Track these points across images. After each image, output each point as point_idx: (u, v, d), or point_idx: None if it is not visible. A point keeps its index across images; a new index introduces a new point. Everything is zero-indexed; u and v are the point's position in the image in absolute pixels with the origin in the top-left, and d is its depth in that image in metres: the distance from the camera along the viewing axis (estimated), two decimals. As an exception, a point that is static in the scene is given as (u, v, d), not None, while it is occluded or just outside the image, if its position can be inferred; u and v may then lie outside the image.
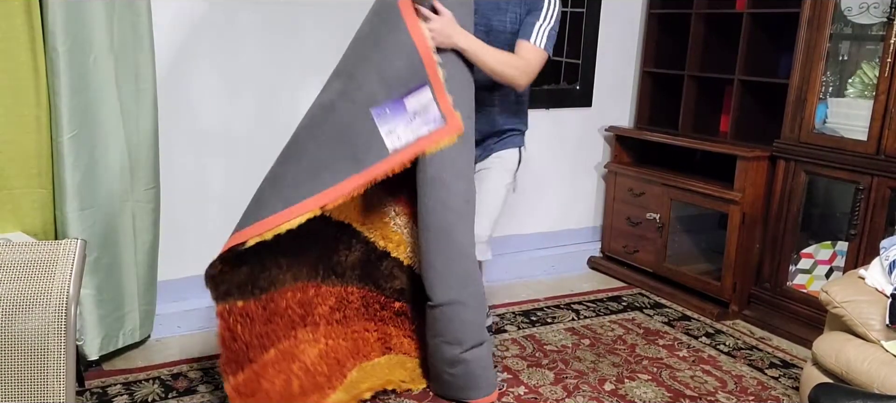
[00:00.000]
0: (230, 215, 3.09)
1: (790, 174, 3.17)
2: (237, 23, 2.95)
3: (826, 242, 3.18)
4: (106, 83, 2.48)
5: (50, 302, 1.37)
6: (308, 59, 3.12)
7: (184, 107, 2.88)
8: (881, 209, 2.87)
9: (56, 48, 2.32)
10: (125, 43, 2.51)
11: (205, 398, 2.47)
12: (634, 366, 2.85)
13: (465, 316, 2.40)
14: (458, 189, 2.37)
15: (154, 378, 2.59)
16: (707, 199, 3.45)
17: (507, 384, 2.66)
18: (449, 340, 2.42)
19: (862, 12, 2.95)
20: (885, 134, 2.83)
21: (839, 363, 2.16)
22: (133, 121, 2.59)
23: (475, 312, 2.42)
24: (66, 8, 2.31)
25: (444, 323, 2.41)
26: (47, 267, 1.39)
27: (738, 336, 3.19)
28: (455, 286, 2.38)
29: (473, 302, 2.42)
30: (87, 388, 2.48)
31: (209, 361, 2.72)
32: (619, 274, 3.89)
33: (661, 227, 3.65)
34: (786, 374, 2.84)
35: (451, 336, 2.41)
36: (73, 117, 2.39)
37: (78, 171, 2.44)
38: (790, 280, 3.24)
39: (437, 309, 2.39)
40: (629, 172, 3.83)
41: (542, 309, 3.41)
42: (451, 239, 2.36)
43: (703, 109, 3.79)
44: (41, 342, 1.36)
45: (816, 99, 3.07)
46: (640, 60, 4.00)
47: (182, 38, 2.84)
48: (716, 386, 2.71)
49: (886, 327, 2.12)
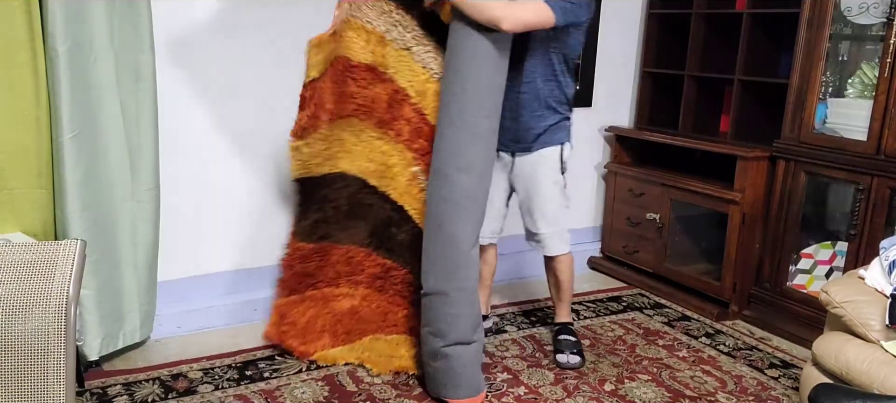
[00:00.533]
0: (230, 215, 3.12)
1: (790, 174, 3.17)
2: (238, 23, 2.95)
3: (826, 242, 3.18)
4: (106, 83, 2.48)
5: (50, 303, 1.37)
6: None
7: (184, 107, 2.88)
8: (881, 209, 2.87)
9: (56, 48, 2.31)
10: (126, 43, 2.51)
11: (205, 398, 2.47)
12: (634, 367, 2.85)
13: (448, 309, 2.41)
14: (460, 182, 2.38)
15: (154, 378, 2.59)
16: (707, 199, 3.45)
17: (507, 384, 2.66)
18: (433, 331, 2.45)
19: (862, 12, 2.95)
20: (885, 134, 2.83)
21: (839, 363, 2.16)
22: (133, 121, 2.59)
23: (460, 307, 2.42)
24: (66, 8, 2.31)
25: (430, 312, 2.45)
26: (47, 267, 1.39)
27: (737, 336, 3.19)
28: (441, 277, 2.41)
29: (458, 296, 2.41)
30: (87, 389, 2.48)
31: (209, 361, 2.73)
32: (619, 275, 3.89)
33: (661, 227, 3.65)
34: (786, 374, 2.84)
35: (435, 327, 2.44)
36: (74, 117, 2.39)
37: (78, 172, 2.44)
38: (790, 280, 3.24)
39: (426, 297, 2.46)
40: (629, 172, 3.83)
41: (542, 309, 3.41)
42: (443, 230, 2.40)
43: (703, 109, 3.79)
44: (41, 342, 1.37)
45: (816, 99, 3.07)
46: (640, 60, 4.00)
47: (183, 38, 2.83)
48: (716, 387, 2.71)
49: (886, 327, 2.12)
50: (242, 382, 2.58)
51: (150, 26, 2.55)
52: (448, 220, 2.40)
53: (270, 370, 2.68)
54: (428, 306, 2.46)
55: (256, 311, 3.11)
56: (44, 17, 2.31)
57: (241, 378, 2.61)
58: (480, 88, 2.39)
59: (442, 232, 2.41)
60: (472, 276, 2.46)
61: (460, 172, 2.39)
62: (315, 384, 2.59)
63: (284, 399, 2.48)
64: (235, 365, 2.71)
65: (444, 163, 2.41)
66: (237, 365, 2.71)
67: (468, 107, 2.38)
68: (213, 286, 3.11)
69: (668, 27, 3.88)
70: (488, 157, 2.47)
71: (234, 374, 2.64)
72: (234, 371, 2.66)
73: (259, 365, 2.71)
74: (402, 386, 2.60)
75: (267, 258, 3.22)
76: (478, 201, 2.43)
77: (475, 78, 2.39)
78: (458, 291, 2.42)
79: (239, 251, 3.17)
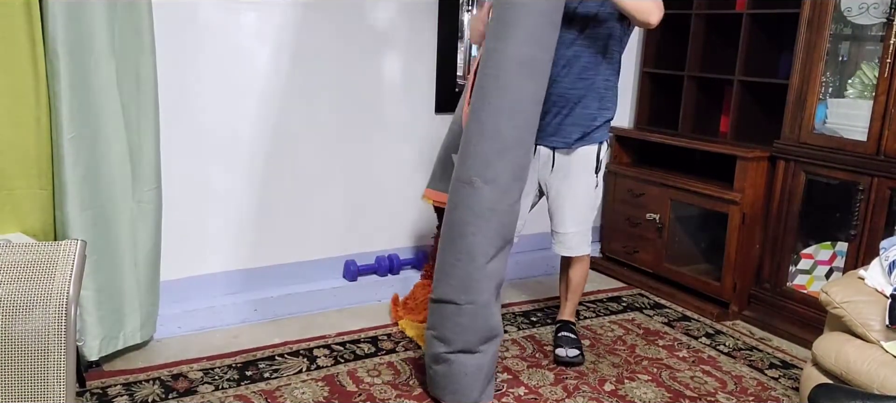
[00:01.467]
0: (231, 216, 3.12)
1: (790, 174, 3.17)
2: (239, 24, 2.95)
3: (826, 242, 3.18)
4: (107, 84, 2.48)
5: (50, 303, 1.37)
6: (309, 59, 3.13)
7: (185, 108, 2.89)
8: (881, 209, 2.87)
9: (56, 50, 2.31)
10: (127, 44, 2.51)
11: (205, 398, 2.47)
12: (634, 367, 2.85)
13: (457, 318, 2.37)
14: (486, 194, 2.33)
15: (154, 378, 2.59)
16: (707, 200, 3.45)
17: (507, 384, 2.66)
18: (438, 336, 2.42)
19: (861, 13, 2.95)
20: (885, 134, 2.83)
21: (839, 363, 2.16)
22: (134, 122, 2.58)
23: (470, 320, 2.37)
24: (67, 9, 2.31)
25: (438, 317, 2.42)
26: (47, 267, 1.39)
27: (737, 336, 3.19)
28: (454, 287, 2.37)
29: (469, 309, 2.36)
30: (88, 389, 2.48)
31: (209, 361, 2.73)
32: (618, 275, 3.89)
33: (661, 228, 3.65)
34: (786, 375, 2.84)
35: (440, 333, 2.42)
36: (74, 118, 2.39)
37: (78, 172, 2.44)
38: (790, 280, 3.24)
39: (435, 302, 2.43)
40: (629, 173, 3.83)
41: (542, 309, 3.41)
42: (462, 240, 2.35)
43: (703, 110, 3.79)
44: (41, 343, 1.36)
45: (816, 99, 3.07)
46: (640, 60, 4.00)
47: (184, 39, 2.84)
48: (716, 387, 2.71)
49: (886, 327, 2.12)
50: (243, 382, 2.58)
51: (151, 27, 2.55)
52: (469, 230, 2.34)
53: (270, 370, 2.68)
54: (436, 311, 2.43)
55: (257, 311, 3.11)
56: (44, 18, 2.31)
57: (241, 378, 2.62)
58: (519, 99, 2.33)
59: (461, 242, 2.35)
60: (487, 290, 2.39)
61: (487, 184, 2.32)
62: (315, 384, 2.60)
63: (284, 399, 2.48)
64: (236, 366, 2.71)
65: (470, 172, 2.33)
66: (237, 366, 2.71)
67: (502, 118, 2.31)
68: (213, 286, 3.11)
69: (667, 27, 3.85)
70: (515, 170, 2.38)
71: (235, 374, 2.64)
72: (235, 372, 2.66)
73: (259, 366, 2.71)
74: (402, 386, 2.60)
75: (267, 258, 3.23)
76: (499, 214, 2.36)
77: (513, 87, 2.31)
78: (470, 304, 2.36)
79: (239, 251, 3.17)
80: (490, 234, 2.35)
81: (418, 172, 3.52)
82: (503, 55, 2.30)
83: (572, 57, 2.57)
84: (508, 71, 2.30)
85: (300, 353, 2.83)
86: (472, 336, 2.39)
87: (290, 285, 3.26)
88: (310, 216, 3.31)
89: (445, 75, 3.50)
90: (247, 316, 3.09)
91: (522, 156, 2.39)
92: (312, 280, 3.33)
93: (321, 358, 2.80)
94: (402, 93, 3.42)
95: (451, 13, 3.46)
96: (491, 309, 2.41)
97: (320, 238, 3.36)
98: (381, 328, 3.11)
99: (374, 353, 2.87)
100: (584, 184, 2.72)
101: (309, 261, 3.34)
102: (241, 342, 2.90)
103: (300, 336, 2.98)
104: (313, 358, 2.79)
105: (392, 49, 3.35)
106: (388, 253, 3.53)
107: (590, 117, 2.65)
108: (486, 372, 2.47)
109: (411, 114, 3.47)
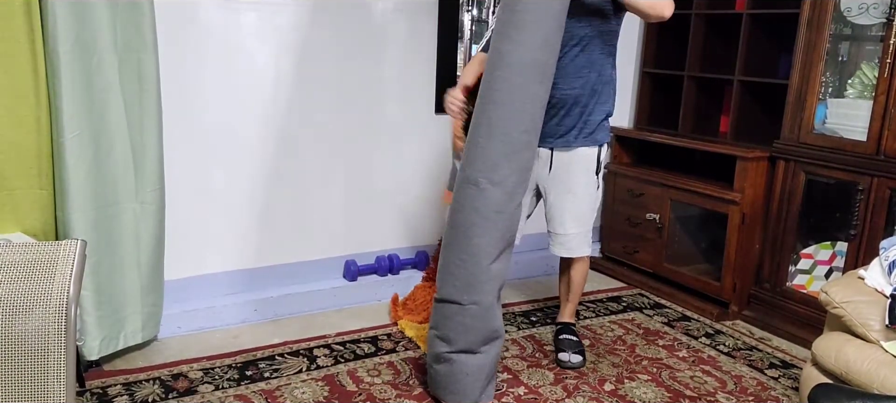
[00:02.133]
0: (233, 216, 3.12)
1: (790, 174, 3.17)
2: (241, 23, 2.95)
3: (826, 242, 3.18)
4: (109, 84, 2.47)
5: (50, 303, 1.37)
6: (311, 59, 3.13)
7: (188, 107, 2.89)
8: (881, 209, 2.87)
9: (56, 50, 2.31)
10: (129, 43, 2.50)
11: (205, 398, 2.47)
12: (634, 367, 2.85)
13: (460, 318, 2.37)
14: (492, 196, 2.32)
15: (154, 378, 2.59)
16: (707, 200, 3.45)
17: (507, 384, 2.66)
18: (441, 335, 2.42)
19: (861, 13, 2.95)
20: (885, 134, 2.83)
21: (839, 363, 2.16)
22: (137, 121, 2.58)
23: (473, 320, 2.37)
24: (68, 9, 2.31)
25: (440, 317, 2.42)
26: (47, 267, 1.39)
27: (737, 336, 3.19)
28: (458, 287, 2.36)
29: (473, 309, 2.36)
30: (88, 388, 2.48)
31: (209, 361, 2.73)
32: (618, 275, 3.89)
33: (661, 228, 3.65)
34: (785, 374, 2.84)
35: (443, 333, 2.42)
36: (75, 118, 2.39)
37: (79, 172, 2.43)
38: (790, 280, 3.24)
39: (439, 302, 2.42)
40: (629, 173, 3.83)
41: (542, 309, 3.41)
42: (467, 241, 2.34)
43: (703, 110, 3.79)
44: (41, 342, 1.37)
45: (816, 99, 3.07)
46: (640, 60, 4.00)
47: (186, 39, 2.84)
48: (715, 387, 2.71)
49: (886, 327, 2.12)
50: (243, 382, 2.59)
51: (153, 27, 2.54)
52: (475, 232, 2.33)
53: (270, 370, 2.68)
54: (439, 311, 2.42)
55: (257, 311, 3.11)
56: (44, 17, 2.31)
57: (241, 378, 2.62)
58: (527, 102, 2.32)
59: (466, 243, 2.34)
60: (490, 291, 2.38)
61: (493, 186, 2.31)
62: (315, 384, 2.60)
63: (284, 399, 2.48)
64: (236, 365, 2.71)
65: (477, 173, 2.32)
66: (237, 365, 2.71)
67: (511, 120, 2.30)
68: (213, 286, 3.12)
69: (667, 27, 3.86)
70: (521, 172, 2.37)
71: (235, 374, 2.64)
72: (235, 371, 2.66)
73: (259, 365, 2.72)
74: (402, 386, 2.61)
75: (268, 258, 3.23)
76: (505, 216, 2.35)
77: (522, 90, 2.30)
78: (474, 305, 2.36)
79: (240, 251, 3.17)
80: (495, 236, 2.34)
81: (418, 172, 3.52)
82: (513, 58, 2.29)
83: (570, 56, 2.57)
84: (518, 74, 2.29)
85: (300, 353, 2.84)
86: (475, 336, 2.39)
87: (291, 285, 3.26)
88: (310, 216, 3.31)
89: (445, 75, 3.51)
90: (247, 316, 3.09)
91: (528, 158, 2.39)
92: (312, 280, 3.33)
93: (321, 358, 2.80)
94: (402, 94, 3.43)
95: (451, 13, 3.46)
96: (494, 311, 2.42)
97: (320, 238, 3.36)
98: (381, 328, 3.11)
99: (374, 353, 2.87)
100: (584, 184, 2.72)
101: (309, 261, 3.34)
102: (242, 342, 2.91)
103: (300, 336, 2.98)
104: (313, 358, 2.80)
105: (392, 49, 3.35)
106: (388, 253, 3.53)
107: (588, 115, 2.65)
108: (487, 373, 2.47)
109: (411, 114, 3.47)
